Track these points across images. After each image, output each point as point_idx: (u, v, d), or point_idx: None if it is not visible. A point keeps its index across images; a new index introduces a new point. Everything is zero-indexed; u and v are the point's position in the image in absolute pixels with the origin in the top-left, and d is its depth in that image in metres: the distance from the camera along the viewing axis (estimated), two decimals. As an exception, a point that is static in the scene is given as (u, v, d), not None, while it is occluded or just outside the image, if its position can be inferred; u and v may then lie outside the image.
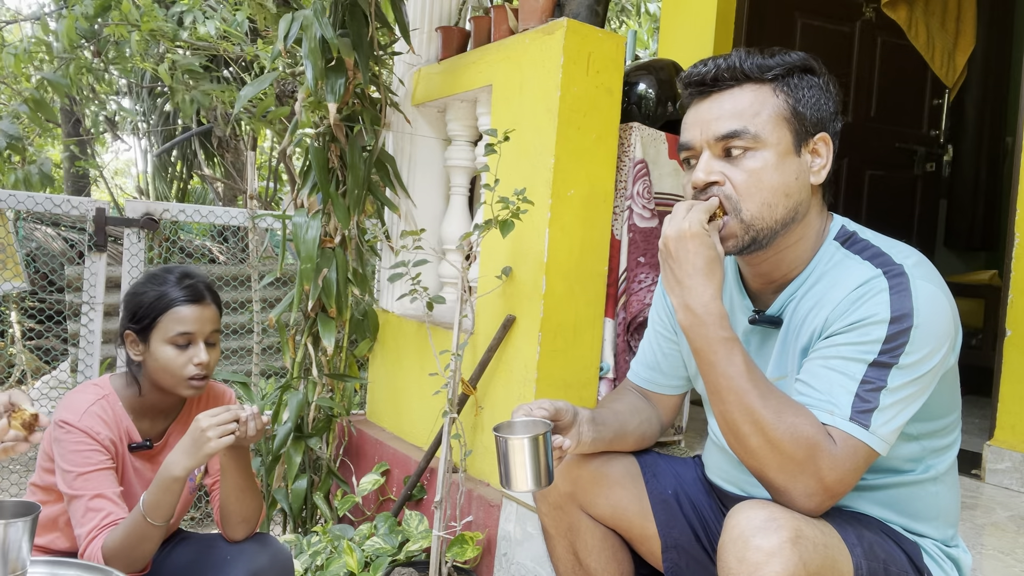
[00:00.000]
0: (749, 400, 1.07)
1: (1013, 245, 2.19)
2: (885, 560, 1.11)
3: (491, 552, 2.12)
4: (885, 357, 1.08)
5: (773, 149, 1.17)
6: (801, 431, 1.05)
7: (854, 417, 1.06)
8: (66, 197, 2.80)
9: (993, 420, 2.21)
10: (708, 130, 1.19)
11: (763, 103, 1.18)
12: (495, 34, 2.43)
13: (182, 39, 3.86)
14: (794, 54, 1.21)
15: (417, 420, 2.64)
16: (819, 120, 1.20)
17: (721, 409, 1.11)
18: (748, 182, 1.17)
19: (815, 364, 1.13)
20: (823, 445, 1.05)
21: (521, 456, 1.13)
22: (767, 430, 1.05)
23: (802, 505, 1.06)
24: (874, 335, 1.08)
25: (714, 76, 1.19)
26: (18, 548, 1.09)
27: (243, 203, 6.20)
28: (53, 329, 4.33)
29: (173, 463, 1.46)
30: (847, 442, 1.06)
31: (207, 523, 3.14)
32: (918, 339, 1.08)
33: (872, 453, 1.08)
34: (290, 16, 2.32)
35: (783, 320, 1.23)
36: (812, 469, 1.04)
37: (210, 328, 1.60)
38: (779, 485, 1.07)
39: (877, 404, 1.07)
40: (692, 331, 1.13)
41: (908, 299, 1.09)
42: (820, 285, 1.20)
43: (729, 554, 1.02)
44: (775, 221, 1.18)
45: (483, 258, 2.31)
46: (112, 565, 1.44)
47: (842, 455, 1.05)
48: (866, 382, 1.08)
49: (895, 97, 3.85)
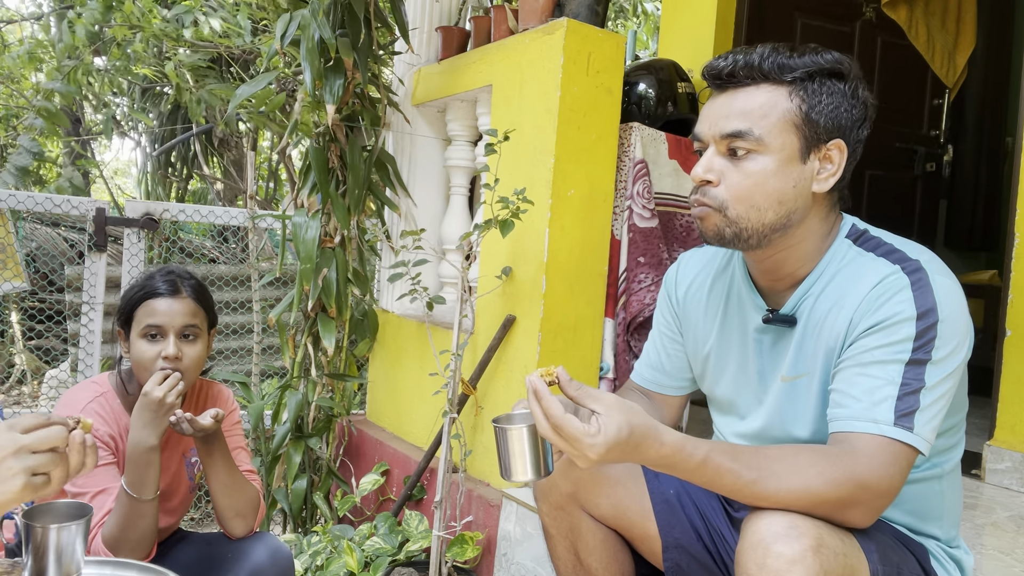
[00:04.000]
0: (764, 486, 1.05)
1: (1013, 245, 2.19)
2: (898, 564, 1.12)
3: (491, 552, 2.12)
4: (919, 354, 1.07)
5: (776, 155, 1.15)
6: (831, 474, 1.04)
7: (898, 423, 1.06)
8: (66, 197, 2.80)
9: (993, 420, 2.21)
10: (716, 126, 1.18)
11: (774, 106, 1.16)
12: (495, 34, 2.43)
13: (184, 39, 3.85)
14: (825, 56, 1.17)
15: (417, 420, 2.64)
16: (836, 127, 1.17)
17: (752, 502, 1.09)
18: (742, 184, 1.16)
19: (851, 372, 1.12)
20: (863, 472, 1.04)
21: (520, 446, 1.14)
22: (805, 491, 1.04)
23: (865, 523, 1.07)
24: (903, 333, 1.08)
25: (730, 72, 1.17)
26: (72, 551, 1.08)
27: (243, 203, 6.20)
28: (53, 329, 4.33)
29: (142, 437, 1.45)
30: (891, 448, 1.05)
31: (207, 523, 3.14)
32: (945, 333, 1.08)
33: (915, 454, 1.07)
34: (288, 16, 2.32)
35: (798, 319, 1.23)
36: (861, 499, 1.04)
37: (183, 321, 1.55)
38: (838, 520, 1.06)
39: (918, 406, 1.06)
40: (675, 473, 1.10)
41: (930, 295, 1.09)
42: (836, 283, 1.19)
43: (749, 560, 1.02)
44: (763, 224, 1.17)
45: (483, 258, 2.31)
46: (116, 552, 1.45)
47: (887, 462, 1.05)
48: (905, 384, 1.07)
49: (895, 97, 3.85)
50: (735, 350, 1.32)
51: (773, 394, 1.25)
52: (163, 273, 1.61)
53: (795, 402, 1.23)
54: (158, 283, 1.58)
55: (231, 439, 1.69)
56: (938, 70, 3.73)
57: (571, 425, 1.02)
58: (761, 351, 1.28)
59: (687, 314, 1.42)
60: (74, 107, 6.59)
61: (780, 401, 1.24)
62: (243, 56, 4.56)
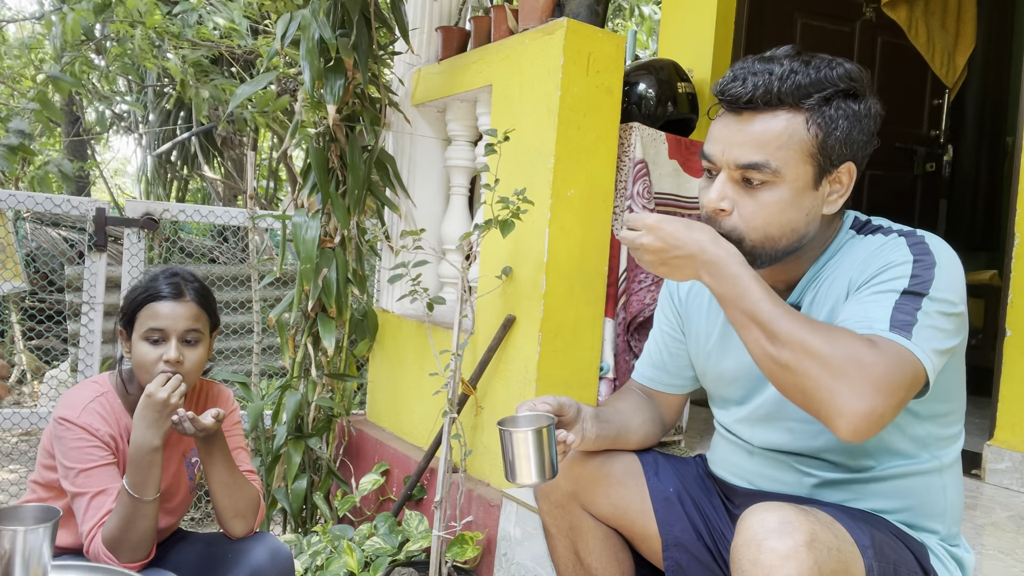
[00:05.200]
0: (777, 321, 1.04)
1: (1013, 245, 2.19)
2: (895, 561, 1.11)
3: (491, 552, 2.12)
4: (915, 286, 1.07)
5: (791, 185, 1.15)
6: (837, 335, 1.01)
7: (894, 327, 1.03)
8: (66, 197, 2.80)
9: (993, 420, 2.21)
10: (730, 153, 1.16)
11: (791, 136, 1.13)
12: (495, 34, 2.43)
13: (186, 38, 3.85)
14: (839, 69, 1.14)
15: (417, 420, 2.64)
16: (848, 151, 1.16)
17: (749, 338, 1.08)
18: (757, 215, 1.16)
19: (848, 307, 1.11)
20: (863, 345, 1.00)
21: (525, 449, 1.14)
22: (803, 342, 1.01)
23: (853, 411, 0.97)
24: (900, 272, 1.09)
25: (748, 99, 1.14)
26: (39, 554, 1.10)
27: (243, 203, 6.20)
28: (53, 329, 4.33)
29: (146, 437, 1.47)
30: (890, 347, 1.01)
31: (207, 523, 3.14)
32: (942, 278, 1.08)
33: (917, 365, 1.01)
34: (288, 16, 2.32)
35: (800, 307, 1.24)
36: (856, 370, 0.98)
37: (185, 325, 1.56)
38: (824, 396, 0.99)
39: (915, 320, 1.04)
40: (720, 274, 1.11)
41: (927, 248, 1.11)
42: (834, 263, 1.22)
43: (742, 556, 1.02)
44: (776, 251, 1.18)
45: (483, 258, 2.32)
46: (115, 553, 1.45)
47: (887, 356, 1.00)
48: (901, 305, 1.06)
49: (895, 97, 3.85)
50: (738, 346, 1.32)
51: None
52: (167, 275, 1.60)
53: None
54: (162, 285, 1.58)
55: (231, 439, 1.69)
56: (938, 70, 3.73)
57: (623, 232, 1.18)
58: None
59: (689, 312, 1.43)
60: (75, 107, 6.59)
61: None
62: (244, 56, 4.56)
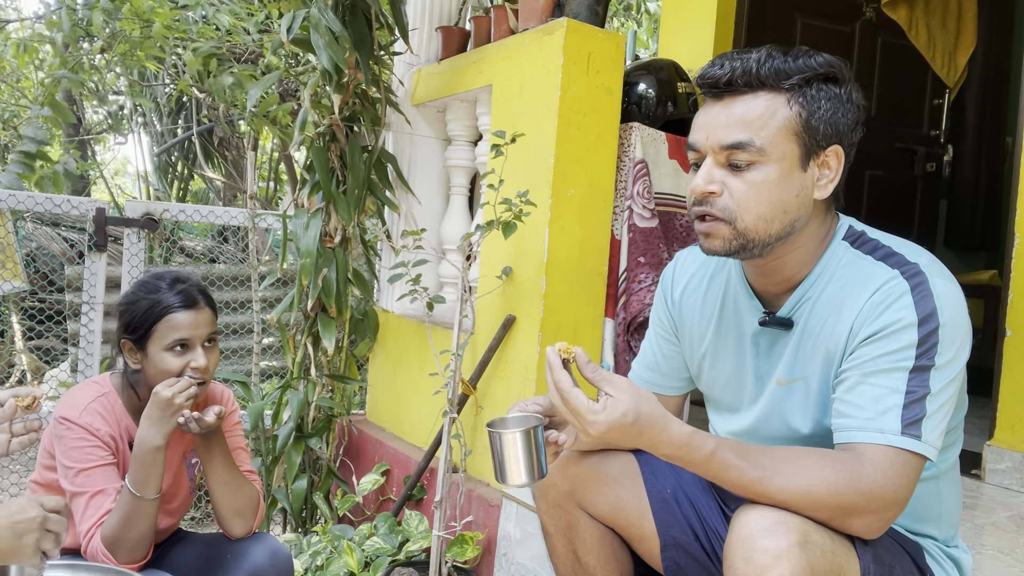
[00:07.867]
0: (768, 484, 1.06)
1: (1013, 245, 2.19)
2: (891, 563, 1.11)
3: (491, 552, 2.12)
4: (922, 360, 1.07)
5: (777, 164, 1.14)
6: (835, 480, 1.04)
7: (905, 431, 1.06)
8: (66, 197, 2.80)
9: (993, 420, 2.21)
10: (714, 137, 1.16)
11: (774, 114, 1.13)
12: (495, 34, 2.43)
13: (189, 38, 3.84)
14: (818, 58, 1.15)
15: (417, 420, 2.64)
16: (834, 133, 1.16)
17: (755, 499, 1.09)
18: (747, 195, 1.14)
19: (854, 381, 1.11)
20: (863, 480, 1.04)
21: (513, 450, 1.15)
22: (807, 494, 1.04)
23: (872, 532, 1.06)
24: (906, 340, 1.08)
25: (728, 80, 1.14)
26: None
27: (243, 203, 6.20)
28: (53, 329, 4.33)
29: (150, 436, 1.49)
30: (899, 458, 1.05)
31: (207, 523, 3.14)
32: (946, 338, 1.08)
33: (923, 462, 1.07)
34: (291, 14, 2.32)
35: (794, 323, 1.22)
36: (865, 503, 1.04)
37: (206, 331, 1.60)
38: (840, 526, 1.06)
39: (924, 412, 1.06)
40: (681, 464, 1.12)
41: (931, 299, 1.09)
42: (833, 287, 1.18)
43: (736, 555, 1.02)
44: (769, 235, 1.16)
45: (483, 258, 2.32)
46: (114, 552, 1.46)
47: (894, 472, 1.05)
48: (910, 392, 1.07)
49: (895, 97, 3.85)
50: (731, 352, 1.32)
51: (768, 396, 1.25)
52: (170, 283, 1.59)
53: (790, 405, 1.23)
54: (171, 297, 1.57)
55: (231, 439, 1.69)
56: (939, 70, 3.73)
57: (577, 399, 1.09)
58: (757, 353, 1.27)
59: (683, 315, 1.42)
60: (75, 107, 6.59)
61: (775, 403, 1.24)
62: (247, 56, 4.56)
